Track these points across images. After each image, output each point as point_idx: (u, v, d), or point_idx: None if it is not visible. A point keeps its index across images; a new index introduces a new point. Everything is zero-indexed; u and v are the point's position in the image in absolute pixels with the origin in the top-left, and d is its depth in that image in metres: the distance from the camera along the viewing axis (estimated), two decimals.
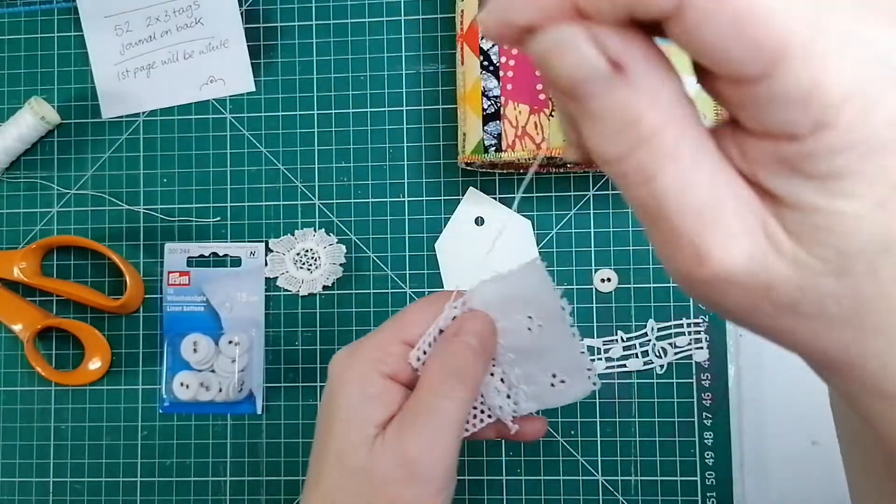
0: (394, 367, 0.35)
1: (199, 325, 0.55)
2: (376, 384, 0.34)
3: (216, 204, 0.56)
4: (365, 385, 0.34)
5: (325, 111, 0.56)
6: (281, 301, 0.55)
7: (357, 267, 0.55)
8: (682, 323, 0.52)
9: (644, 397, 0.52)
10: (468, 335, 0.34)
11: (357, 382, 0.34)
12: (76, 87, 0.58)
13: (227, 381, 0.54)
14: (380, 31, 0.56)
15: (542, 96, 0.49)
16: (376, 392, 0.34)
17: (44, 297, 0.57)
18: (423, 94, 0.55)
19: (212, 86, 0.56)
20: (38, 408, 0.56)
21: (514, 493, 0.53)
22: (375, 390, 0.34)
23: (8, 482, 0.56)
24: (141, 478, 0.55)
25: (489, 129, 0.49)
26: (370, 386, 0.34)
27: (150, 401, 0.56)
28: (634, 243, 0.53)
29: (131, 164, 0.57)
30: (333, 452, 0.35)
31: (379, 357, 0.35)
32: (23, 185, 0.58)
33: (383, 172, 0.55)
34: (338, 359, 0.36)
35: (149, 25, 0.57)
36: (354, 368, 0.35)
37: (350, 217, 0.55)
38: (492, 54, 0.49)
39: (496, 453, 0.53)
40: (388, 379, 0.35)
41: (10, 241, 0.58)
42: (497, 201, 0.54)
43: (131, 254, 0.56)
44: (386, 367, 0.35)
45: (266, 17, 0.57)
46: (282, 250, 0.55)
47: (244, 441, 0.55)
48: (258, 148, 0.56)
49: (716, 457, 0.52)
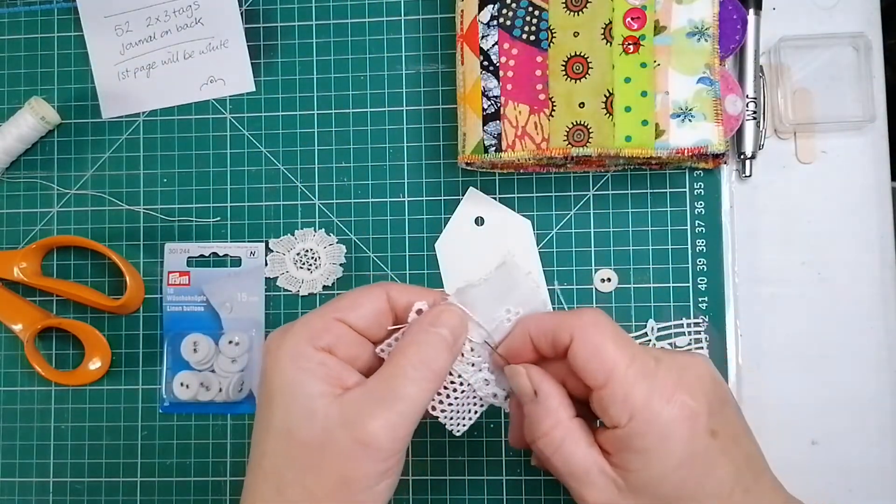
0: (328, 342, 0.36)
1: (199, 325, 0.55)
2: (312, 358, 0.35)
3: (216, 204, 0.56)
4: (300, 360, 0.35)
5: (325, 111, 0.56)
6: (281, 301, 0.55)
7: (357, 267, 0.55)
8: (682, 323, 0.52)
9: None
10: (443, 328, 0.36)
11: (291, 358, 0.35)
12: (76, 87, 0.58)
13: (227, 381, 0.54)
14: (380, 31, 0.56)
15: (541, 96, 0.49)
16: (312, 366, 0.35)
17: (44, 297, 0.57)
18: (423, 94, 0.55)
19: (212, 86, 0.57)
20: (38, 408, 0.56)
21: (513, 493, 0.53)
22: (311, 364, 0.35)
23: (8, 482, 0.56)
24: (141, 478, 0.55)
25: (489, 129, 0.49)
26: (306, 361, 0.35)
27: (150, 401, 0.56)
28: (634, 243, 0.53)
29: (131, 165, 0.57)
30: (278, 428, 0.35)
31: (312, 334, 0.36)
32: (23, 185, 0.58)
33: (383, 172, 0.55)
34: (271, 338, 0.37)
35: (149, 25, 0.57)
36: (288, 345, 0.35)
37: (350, 217, 0.55)
38: (492, 54, 0.49)
39: (496, 453, 0.53)
40: (324, 352, 0.35)
41: (10, 241, 0.58)
42: (497, 201, 0.54)
43: (131, 254, 0.56)
44: (320, 341, 0.35)
45: (266, 17, 0.57)
46: (282, 250, 0.55)
47: (244, 441, 0.55)
48: (258, 148, 0.56)
49: None
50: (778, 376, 0.52)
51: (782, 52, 0.52)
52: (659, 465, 0.34)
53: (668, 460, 0.34)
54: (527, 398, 0.38)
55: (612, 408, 0.35)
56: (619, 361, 0.35)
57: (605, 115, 0.48)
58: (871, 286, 0.52)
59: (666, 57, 0.48)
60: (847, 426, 0.51)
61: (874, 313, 0.51)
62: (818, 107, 0.52)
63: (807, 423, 0.51)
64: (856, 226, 0.52)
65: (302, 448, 0.34)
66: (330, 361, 0.35)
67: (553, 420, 0.37)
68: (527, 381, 0.37)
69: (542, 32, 0.49)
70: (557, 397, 0.37)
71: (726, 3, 0.48)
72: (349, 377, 0.36)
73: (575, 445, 0.36)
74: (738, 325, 0.52)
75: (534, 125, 0.49)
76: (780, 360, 0.52)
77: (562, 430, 0.36)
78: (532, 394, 0.37)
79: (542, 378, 0.37)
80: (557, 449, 0.36)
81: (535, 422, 0.37)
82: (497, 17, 0.49)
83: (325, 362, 0.35)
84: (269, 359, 0.36)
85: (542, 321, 0.37)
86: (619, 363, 0.35)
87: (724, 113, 0.47)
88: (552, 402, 0.37)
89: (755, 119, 0.52)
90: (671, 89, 0.47)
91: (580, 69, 0.49)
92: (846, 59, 0.52)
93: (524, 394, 0.38)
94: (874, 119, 0.51)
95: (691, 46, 0.47)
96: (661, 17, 0.48)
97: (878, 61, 0.52)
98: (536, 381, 0.37)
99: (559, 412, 0.37)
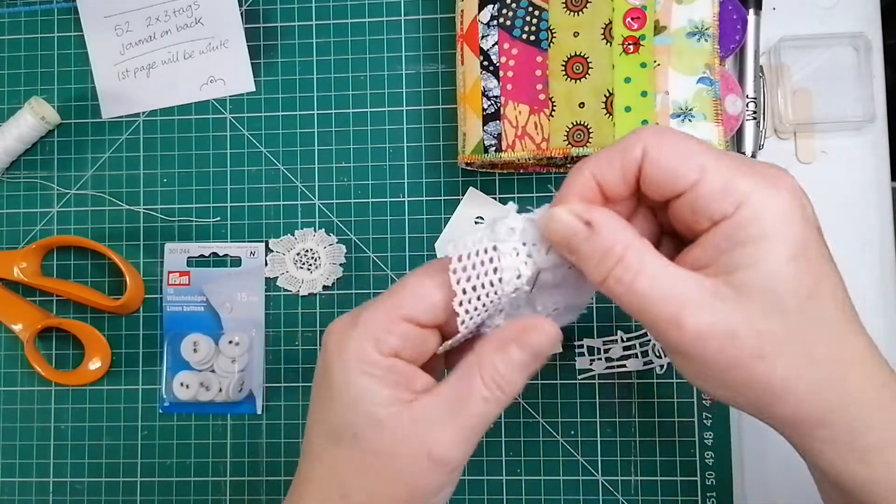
0: (395, 346, 0.33)
1: (199, 325, 0.55)
2: (381, 364, 0.33)
3: (216, 204, 0.56)
4: (365, 365, 0.33)
5: (325, 111, 0.56)
6: (281, 301, 0.55)
7: (357, 267, 0.55)
8: None
9: (644, 397, 0.52)
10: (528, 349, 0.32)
11: (359, 361, 0.33)
12: (76, 87, 0.58)
13: (227, 381, 0.54)
14: (380, 31, 0.56)
15: (541, 96, 0.49)
16: (380, 372, 0.33)
17: (44, 297, 0.57)
18: (423, 94, 0.55)
19: (212, 86, 0.57)
20: (38, 408, 0.56)
21: (514, 493, 0.53)
22: (379, 371, 0.33)
23: (8, 482, 0.56)
24: (141, 478, 0.55)
25: (489, 129, 0.49)
26: (372, 367, 0.33)
27: (150, 401, 0.56)
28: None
29: (131, 164, 0.57)
30: (341, 432, 0.33)
31: (379, 336, 0.33)
32: (23, 186, 0.58)
33: (383, 172, 0.55)
34: (331, 335, 0.34)
35: (149, 25, 0.57)
36: (354, 345, 0.33)
37: (350, 217, 0.55)
38: (491, 54, 0.49)
39: (496, 453, 0.53)
40: (392, 357, 0.33)
41: (10, 241, 0.58)
42: (497, 201, 0.54)
43: (131, 254, 0.56)
44: (386, 346, 0.33)
45: (266, 17, 0.57)
46: (282, 250, 0.55)
47: (244, 441, 0.55)
48: (258, 148, 0.56)
49: (716, 457, 0.52)
50: None
51: (782, 52, 0.52)
52: (773, 256, 0.29)
53: (782, 249, 0.29)
54: (579, 237, 0.30)
55: (714, 201, 0.29)
56: (709, 153, 0.30)
57: (605, 116, 0.48)
58: (871, 286, 0.52)
59: (666, 57, 0.48)
60: None
61: (874, 313, 0.51)
62: (818, 107, 0.53)
63: None
64: (856, 226, 0.52)
65: (368, 455, 0.33)
66: (398, 366, 0.33)
67: (622, 243, 0.30)
68: (570, 216, 0.31)
69: (542, 32, 0.49)
70: (617, 220, 0.31)
71: (726, 3, 0.48)
72: (418, 380, 0.34)
73: (658, 263, 0.30)
74: None
75: (534, 125, 0.49)
76: None
77: (636, 250, 0.30)
78: (583, 227, 0.30)
79: (590, 207, 0.31)
80: (637, 273, 0.29)
81: (598, 258, 0.30)
82: (497, 17, 0.49)
83: (393, 368, 0.33)
84: (331, 359, 0.34)
85: (601, 152, 0.32)
86: (709, 155, 0.30)
87: (724, 113, 0.47)
88: (613, 225, 0.30)
89: (755, 119, 0.52)
90: (671, 89, 0.47)
91: (580, 69, 0.49)
92: (846, 59, 0.52)
93: (573, 232, 0.31)
94: (874, 119, 0.51)
95: (691, 46, 0.48)
96: (661, 17, 0.48)
97: (878, 61, 0.52)
98: (582, 211, 0.31)
99: (626, 232, 0.30)
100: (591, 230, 0.30)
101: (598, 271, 0.30)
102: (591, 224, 0.30)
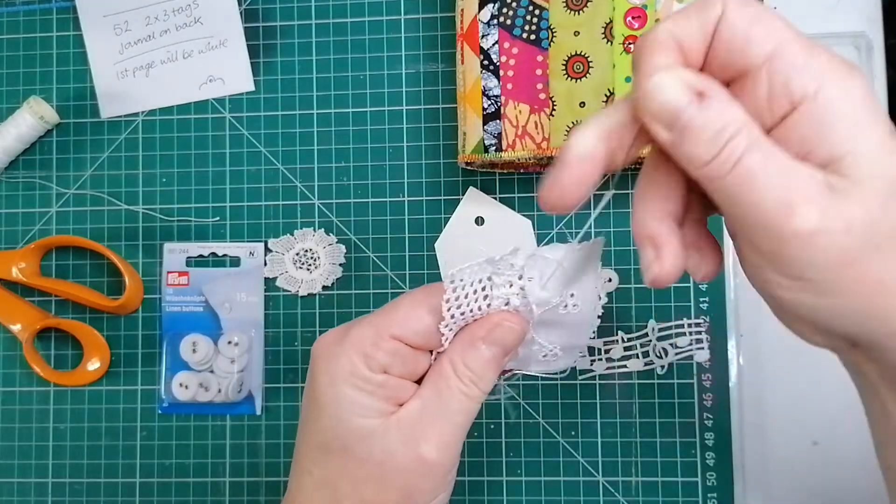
0: (384, 363, 0.33)
1: (198, 326, 0.55)
2: (370, 380, 0.33)
3: (215, 204, 0.56)
4: (355, 380, 0.33)
5: (324, 111, 0.56)
6: (280, 301, 0.55)
7: (357, 267, 0.55)
8: (683, 323, 0.52)
9: (645, 398, 0.52)
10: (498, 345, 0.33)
11: (350, 375, 0.33)
12: (75, 86, 0.58)
13: (226, 381, 0.54)
14: (380, 30, 0.56)
15: (542, 96, 0.49)
16: (371, 388, 0.33)
17: (42, 297, 0.57)
18: (423, 94, 0.55)
19: (211, 85, 0.56)
20: (37, 408, 0.56)
21: (514, 493, 0.53)
22: (370, 386, 0.33)
23: (6, 483, 0.56)
24: (140, 478, 0.55)
25: (489, 129, 0.49)
26: (362, 382, 0.33)
27: (149, 401, 0.56)
28: (635, 243, 0.53)
29: (130, 164, 0.57)
30: (331, 443, 0.34)
31: (367, 351, 0.33)
32: (21, 185, 0.58)
33: (383, 172, 0.55)
34: (321, 349, 0.34)
35: (148, 25, 0.56)
36: (341, 362, 0.33)
37: (350, 217, 0.55)
38: (492, 53, 0.49)
39: (496, 454, 0.53)
40: (381, 373, 0.33)
41: (8, 241, 0.57)
42: (497, 201, 0.54)
43: (130, 254, 0.56)
44: (374, 361, 0.33)
45: (265, 17, 0.57)
46: (281, 250, 0.55)
47: (243, 442, 0.55)
48: (257, 148, 0.56)
49: (717, 457, 0.51)
50: (779, 377, 0.52)
51: None
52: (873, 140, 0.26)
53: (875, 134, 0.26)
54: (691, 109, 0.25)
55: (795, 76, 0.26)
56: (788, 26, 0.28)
57: None
58: None
59: None
60: (848, 426, 0.51)
61: None
62: None
63: (807, 423, 0.51)
64: None
65: (360, 464, 0.34)
66: (391, 382, 0.34)
67: (739, 118, 0.25)
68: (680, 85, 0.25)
69: (543, 31, 0.49)
70: (728, 95, 0.26)
71: None
72: (406, 392, 0.34)
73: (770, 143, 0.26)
74: (739, 325, 0.52)
75: (534, 125, 0.49)
76: (780, 360, 0.52)
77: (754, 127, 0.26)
78: (695, 98, 0.25)
79: (699, 74, 0.26)
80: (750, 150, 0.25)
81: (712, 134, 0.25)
82: (497, 16, 0.49)
83: (384, 384, 0.33)
84: (320, 373, 0.34)
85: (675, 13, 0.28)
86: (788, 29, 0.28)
87: None
88: (727, 97, 0.26)
89: None
90: None
91: (581, 68, 0.48)
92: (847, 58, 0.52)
93: (685, 103, 0.25)
94: None
95: None
96: (662, 16, 0.48)
97: (879, 61, 0.52)
98: (694, 80, 0.26)
99: (740, 107, 0.26)
100: (705, 102, 0.25)
101: (708, 149, 0.25)
102: (705, 95, 0.25)
